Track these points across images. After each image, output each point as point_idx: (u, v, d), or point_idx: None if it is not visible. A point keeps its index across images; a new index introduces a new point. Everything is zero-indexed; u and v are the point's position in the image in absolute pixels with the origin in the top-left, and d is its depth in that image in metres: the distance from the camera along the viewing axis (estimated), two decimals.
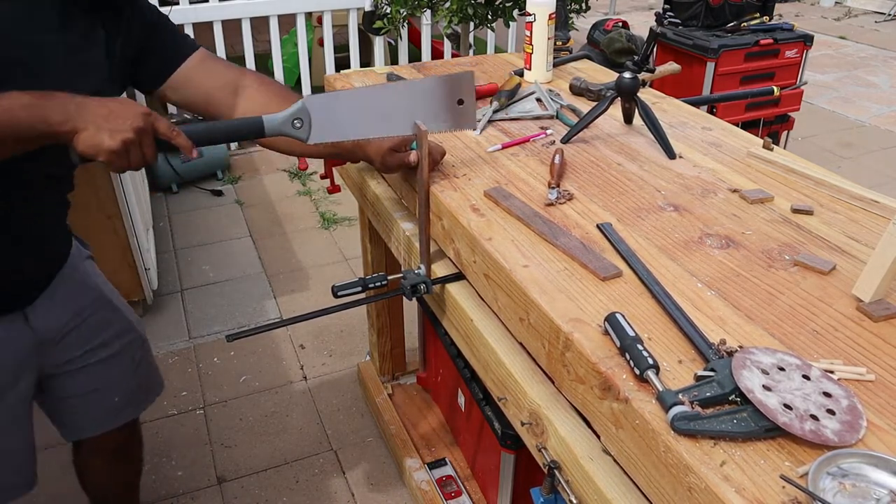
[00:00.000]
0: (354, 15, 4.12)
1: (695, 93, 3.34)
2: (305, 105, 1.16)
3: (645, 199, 1.24)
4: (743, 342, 0.89)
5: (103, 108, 1.00)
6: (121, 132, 1.00)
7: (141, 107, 1.04)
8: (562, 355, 0.94)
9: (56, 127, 0.98)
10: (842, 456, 0.72)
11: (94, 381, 1.39)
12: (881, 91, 5.29)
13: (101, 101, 1.02)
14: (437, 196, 1.26)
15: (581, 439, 0.95)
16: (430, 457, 1.95)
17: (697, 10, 3.48)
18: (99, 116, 1.00)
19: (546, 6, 1.69)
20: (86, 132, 0.99)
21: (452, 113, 1.29)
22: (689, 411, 0.76)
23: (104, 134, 0.99)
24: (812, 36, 3.51)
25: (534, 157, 1.40)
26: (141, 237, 2.57)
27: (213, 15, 3.75)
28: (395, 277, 1.32)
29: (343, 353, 2.53)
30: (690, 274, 1.03)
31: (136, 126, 1.01)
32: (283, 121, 1.16)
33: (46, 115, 0.97)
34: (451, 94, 1.27)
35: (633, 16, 7.07)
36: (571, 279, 1.02)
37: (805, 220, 1.17)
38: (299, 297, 2.83)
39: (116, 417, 1.47)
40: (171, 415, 2.25)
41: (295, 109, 1.16)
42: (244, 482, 2.02)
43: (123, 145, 1.00)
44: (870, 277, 0.95)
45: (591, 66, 1.97)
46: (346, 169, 1.75)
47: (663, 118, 1.54)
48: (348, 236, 3.25)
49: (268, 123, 1.15)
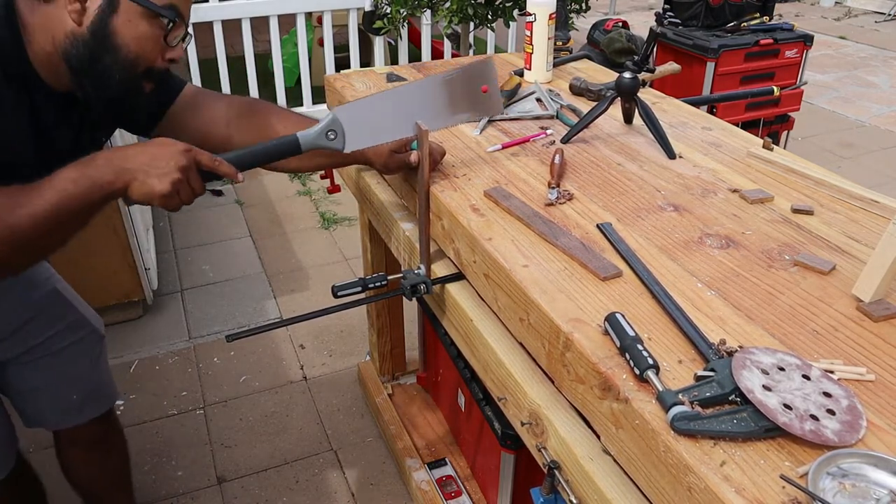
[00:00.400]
0: (354, 15, 4.12)
1: (695, 93, 3.34)
2: (336, 116, 1.18)
3: (645, 199, 1.24)
4: (743, 342, 0.89)
5: (145, 154, 1.03)
6: (168, 174, 1.02)
7: (180, 144, 1.06)
8: (562, 355, 0.94)
9: (109, 188, 1.01)
10: (842, 456, 0.72)
11: (50, 373, 1.40)
12: (881, 91, 5.29)
13: (142, 147, 1.04)
14: (437, 196, 1.26)
15: (581, 439, 0.95)
16: (430, 457, 1.95)
17: (697, 10, 3.48)
18: (144, 164, 1.02)
19: (546, 6, 1.69)
20: (135, 182, 1.02)
21: (478, 101, 1.31)
22: (689, 411, 0.76)
23: (153, 180, 1.02)
24: (812, 36, 3.51)
25: (534, 157, 1.40)
26: (141, 237, 2.57)
27: (213, 15, 3.75)
28: (395, 277, 1.32)
29: (343, 353, 2.53)
30: (690, 274, 1.03)
31: (180, 165, 1.03)
32: (317, 134, 1.18)
33: (96, 181, 1.00)
34: (474, 82, 1.30)
35: (633, 16, 7.07)
36: (571, 279, 1.02)
37: (805, 220, 1.17)
38: (299, 297, 2.83)
39: (80, 413, 1.48)
40: (171, 415, 2.25)
41: (328, 122, 1.19)
42: (244, 482, 2.02)
43: (173, 187, 1.03)
44: (870, 277, 0.95)
45: (591, 66, 1.97)
46: (346, 169, 1.75)
47: (663, 118, 1.54)
48: (348, 236, 3.25)
49: (303, 139, 1.17)
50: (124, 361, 2.46)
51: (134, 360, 2.48)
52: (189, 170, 1.05)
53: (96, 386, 1.49)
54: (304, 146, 1.17)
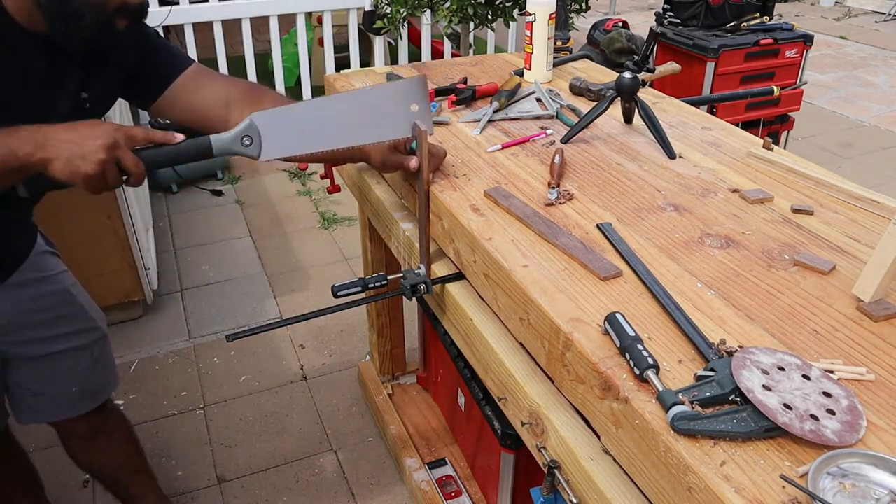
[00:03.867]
0: (354, 15, 4.12)
1: (695, 93, 3.34)
2: (254, 121, 1.14)
3: (645, 199, 1.24)
4: (743, 342, 0.89)
5: (73, 132, 1.01)
6: (94, 154, 1.00)
7: (109, 124, 1.04)
8: (562, 355, 0.94)
9: (26, 159, 0.98)
10: (842, 456, 0.72)
11: (52, 371, 1.41)
12: (881, 91, 5.29)
13: (70, 125, 1.02)
14: (437, 196, 1.26)
15: (581, 439, 0.95)
16: (430, 457, 1.95)
17: (697, 10, 3.48)
18: (69, 142, 0.99)
19: (546, 6, 1.69)
20: (58, 160, 0.99)
21: (406, 119, 1.24)
22: (689, 411, 0.76)
23: (78, 160, 0.99)
24: (812, 36, 3.51)
25: (534, 157, 1.40)
26: (141, 237, 2.57)
27: (213, 15, 3.75)
28: (395, 277, 1.32)
29: (343, 353, 2.53)
30: (690, 274, 1.03)
31: (107, 144, 1.00)
32: (231, 139, 1.13)
33: (14, 149, 0.97)
34: (402, 100, 1.23)
35: (633, 16, 7.07)
36: (571, 279, 1.02)
37: (805, 220, 1.17)
38: (299, 297, 2.83)
39: (74, 408, 1.49)
40: (171, 415, 2.25)
41: (243, 127, 1.13)
42: (244, 482, 2.02)
43: (99, 167, 1.00)
44: (870, 277, 0.95)
45: (591, 66, 1.97)
46: (346, 169, 1.75)
47: (663, 118, 1.54)
48: (348, 236, 3.24)
49: (216, 143, 1.12)
50: (124, 361, 2.45)
51: (134, 360, 2.48)
52: (117, 148, 1.02)
53: (94, 382, 1.51)
54: (216, 150, 1.13)
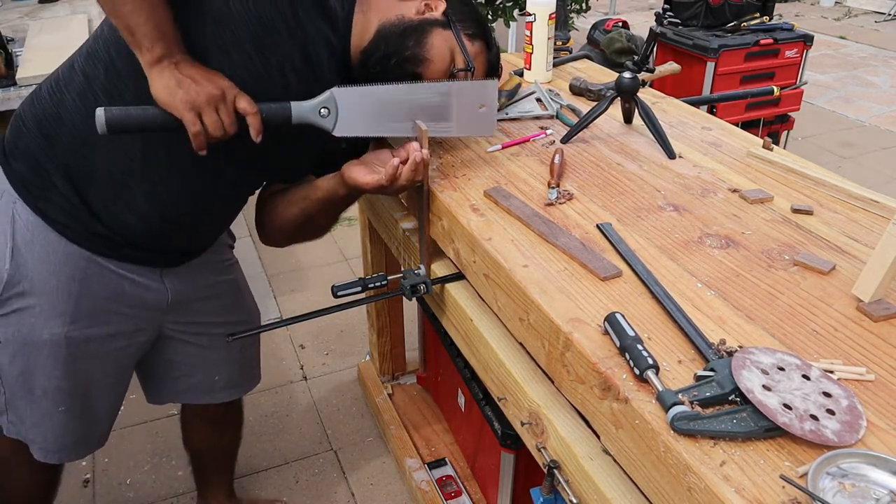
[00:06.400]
0: None
1: (695, 93, 3.34)
2: (333, 94, 1.16)
3: (645, 199, 1.24)
4: (743, 342, 0.89)
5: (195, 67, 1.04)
6: (200, 86, 1.02)
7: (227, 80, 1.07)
8: (562, 355, 0.94)
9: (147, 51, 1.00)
10: (841, 456, 0.72)
11: (203, 357, 1.46)
12: (881, 91, 5.29)
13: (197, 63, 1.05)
14: (437, 196, 1.26)
15: (581, 439, 0.95)
16: (430, 457, 1.95)
17: (697, 10, 3.48)
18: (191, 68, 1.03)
19: (546, 6, 1.69)
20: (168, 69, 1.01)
21: (474, 118, 1.30)
22: (689, 411, 0.76)
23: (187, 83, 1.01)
24: (812, 36, 3.51)
25: (534, 157, 1.40)
26: None
27: None
28: (395, 277, 1.32)
29: (343, 353, 2.53)
30: (690, 274, 1.03)
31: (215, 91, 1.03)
32: (310, 108, 1.15)
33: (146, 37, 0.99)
34: (474, 100, 1.28)
35: (633, 16, 7.06)
36: (571, 279, 1.02)
37: (805, 220, 1.17)
38: (299, 297, 2.83)
39: (213, 396, 1.54)
40: (172, 415, 2.24)
41: (324, 98, 1.15)
42: (244, 482, 2.02)
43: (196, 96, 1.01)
44: (870, 277, 0.95)
45: (591, 66, 1.97)
46: None
47: (663, 118, 1.54)
48: (348, 236, 3.24)
49: (296, 109, 1.14)
50: None
51: None
52: (220, 100, 1.04)
53: (238, 375, 1.56)
54: (295, 116, 1.14)
